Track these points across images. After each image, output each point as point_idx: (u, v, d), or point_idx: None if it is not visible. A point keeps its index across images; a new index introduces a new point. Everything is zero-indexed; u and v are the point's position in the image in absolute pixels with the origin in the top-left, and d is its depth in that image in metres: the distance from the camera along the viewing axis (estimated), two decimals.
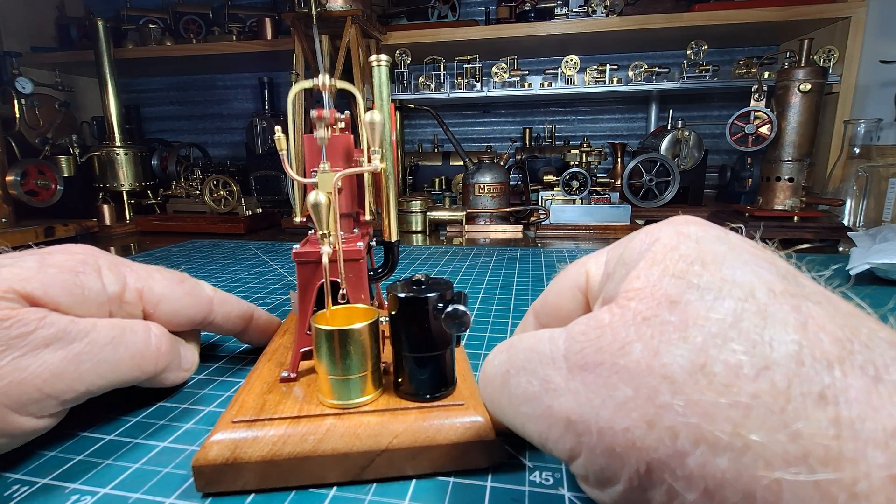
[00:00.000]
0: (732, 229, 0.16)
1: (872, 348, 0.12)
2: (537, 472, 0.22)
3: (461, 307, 0.22)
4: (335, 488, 0.21)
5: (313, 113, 0.26)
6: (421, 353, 0.23)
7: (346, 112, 0.30)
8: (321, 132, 0.26)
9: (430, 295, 0.22)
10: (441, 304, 0.22)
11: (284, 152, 0.26)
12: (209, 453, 0.21)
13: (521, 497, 0.21)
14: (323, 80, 0.27)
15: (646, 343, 0.13)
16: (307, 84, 0.27)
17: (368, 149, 0.27)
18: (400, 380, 0.24)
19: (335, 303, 0.26)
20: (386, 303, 0.24)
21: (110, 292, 0.26)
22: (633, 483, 0.13)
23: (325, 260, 0.25)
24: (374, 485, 0.22)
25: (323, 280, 0.26)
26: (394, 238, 0.30)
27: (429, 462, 0.22)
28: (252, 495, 0.21)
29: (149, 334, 0.26)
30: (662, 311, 0.13)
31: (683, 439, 0.12)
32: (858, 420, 0.10)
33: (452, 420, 0.22)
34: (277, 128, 0.26)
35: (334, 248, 0.26)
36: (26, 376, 0.21)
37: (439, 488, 0.21)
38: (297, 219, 0.31)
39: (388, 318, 0.24)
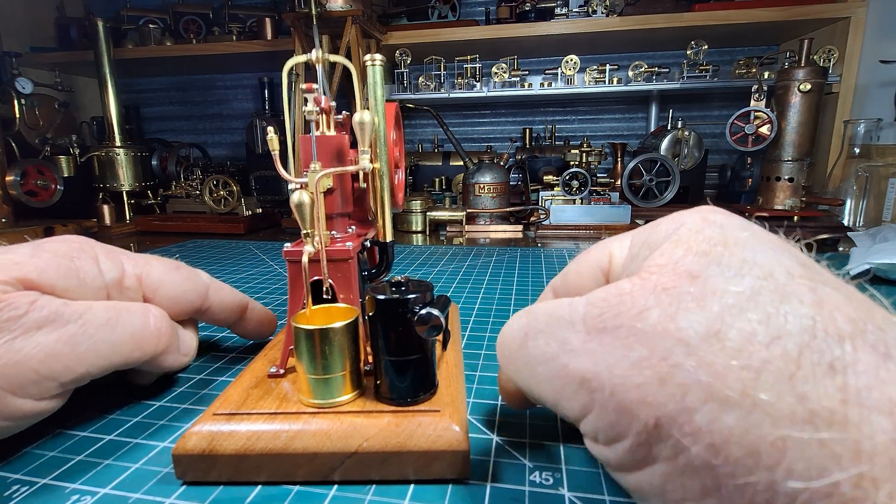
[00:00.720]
0: (757, 221, 0.17)
1: (885, 330, 0.12)
2: (537, 472, 0.22)
3: (434, 311, 0.21)
4: (336, 487, 0.21)
5: (303, 86, 0.26)
6: (397, 356, 0.23)
7: (344, 112, 0.30)
8: (309, 106, 0.26)
9: (405, 297, 0.22)
10: (416, 308, 0.22)
11: (277, 153, 0.26)
12: (188, 443, 0.22)
13: (521, 497, 0.21)
14: (317, 54, 0.27)
15: (664, 309, 0.14)
16: (302, 58, 0.27)
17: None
18: (378, 382, 0.24)
19: (322, 302, 0.26)
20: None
21: (108, 279, 0.26)
22: (641, 438, 0.13)
23: (305, 259, 0.25)
24: (374, 484, 0.22)
25: (314, 278, 0.26)
26: (388, 238, 0.30)
27: (399, 468, 0.21)
28: (254, 492, 0.21)
29: (147, 315, 0.26)
30: (683, 283, 0.14)
31: (693, 396, 0.12)
32: (865, 389, 0.11)
33: (425, 427, 0.22)
34: (270, 129, 0.26)
35: (318, 248, 0.26)
36: (21, 358, 0.21)
37: (439, 488, 0.21)
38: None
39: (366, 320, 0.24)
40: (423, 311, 0.22)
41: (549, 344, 0.16)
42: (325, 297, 0.27)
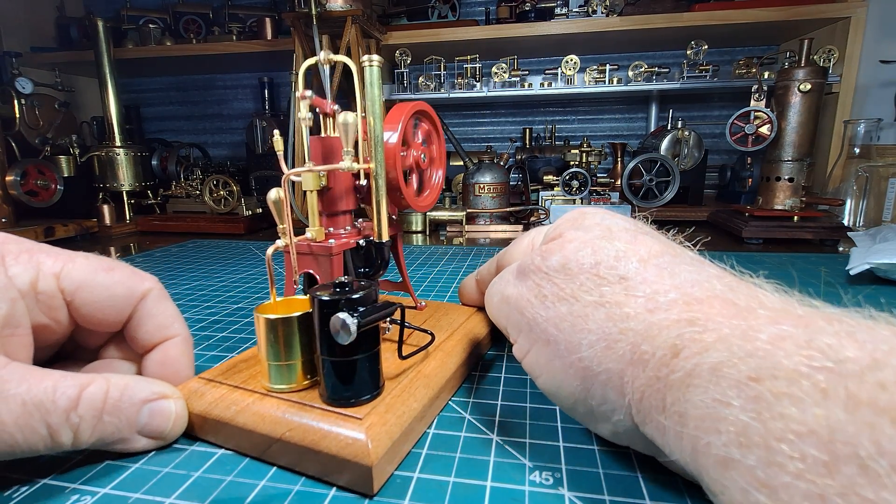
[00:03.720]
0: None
1: (678, 257, 0.21)
2: (537, 472, 0.22)
3: (347, 318, 0.21)
4: (334, 489, 0.21)
5: (297, 94, 0.27)
6: (327, 356, 0.23)
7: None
8: (303, 112, 0.27)
9: (333, 299, 0.22)
10: (339, 311, 0.21)
11: (282, 153, 0.27)
12: None
13: (521, 497, 0.21)
14: (324, 55, 0.28)
15: (542, 256, 0.23)
16: (312, 61, 0.29)
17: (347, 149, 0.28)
18: (318, 378, 0.24)
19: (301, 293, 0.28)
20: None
21: (20, 284, 0.23)
22: (527, 328, 0.23)
23: (269, 251, 0.27)
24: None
25: (304, 271, 0.28)
26: (383, 239, 0.29)
27: (312, 465, 0.22)
28: (254, 492, 0.21)
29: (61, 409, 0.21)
30: (555, 239, 0.23)
31: (548, 301, 0.22)
32: (641, 287, 0.19)
33: (337, 431, 0.21)
34: (276, 131, 0.28)
35: (313, 241, 0.28)
36: None
37: (439, 487, 0.21)
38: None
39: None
40: (334, 316, 0.21)
41: (500, 282, 0.26)
42: (294, 286, 0.28)
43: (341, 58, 0.29)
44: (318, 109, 0.29)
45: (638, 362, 0.18)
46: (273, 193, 0.26)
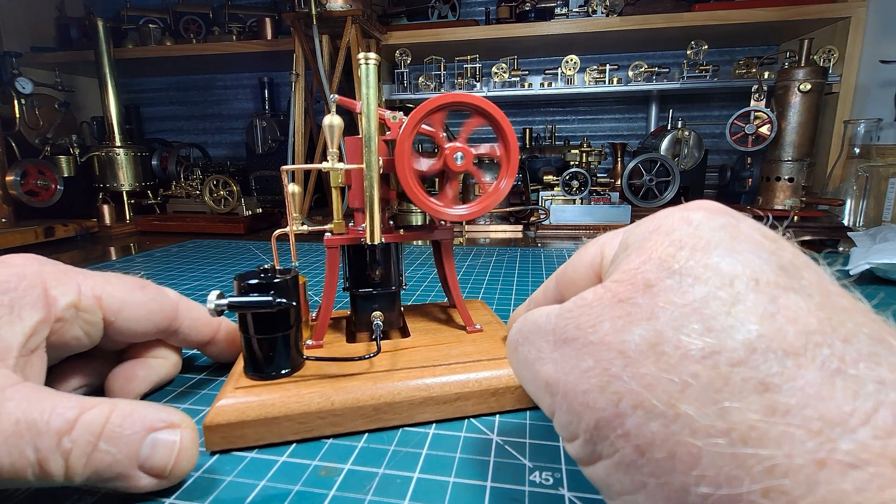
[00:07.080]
0: (757, 219, 0.16)
1: (850, 343, 0.12)
2: (537, 472, 0.22)
3: (211, 297, 0.24)
4: (335, 488, 0.21)
5: (330, 97, 0.30)
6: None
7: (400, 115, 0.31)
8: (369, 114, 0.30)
9: (242, 281, 0.26)
10: (214, 291, 0.25)
11: (336, 153, 0.29)
12: None
13: (521, 497, 0.21)
14: (365, 91, 0.30)
15: (613, 322, 0.14)
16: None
17: (326, 149, 0.29)
18: None
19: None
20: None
21: (63, 303, 0.23)
22: (587, 437, 0.14)
23: (276, 234, 0.30)
24: (375, 483, 0.22)
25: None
26: (374, 241, 0.29)
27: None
28: (254, 492, 0.21)
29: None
30: (637, 294, 0.14)
31: (625, 403, 0.13)
32: (797, 407, 0.11)
33: (224, 389, 0.26)
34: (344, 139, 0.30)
35: (329, 230, 0.30)
36: None
37: (439, 487, 0.21)
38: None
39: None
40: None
41: (531, 351, 0.17)
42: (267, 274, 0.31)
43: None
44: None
45: None
46: (291, 186, 0.29)
